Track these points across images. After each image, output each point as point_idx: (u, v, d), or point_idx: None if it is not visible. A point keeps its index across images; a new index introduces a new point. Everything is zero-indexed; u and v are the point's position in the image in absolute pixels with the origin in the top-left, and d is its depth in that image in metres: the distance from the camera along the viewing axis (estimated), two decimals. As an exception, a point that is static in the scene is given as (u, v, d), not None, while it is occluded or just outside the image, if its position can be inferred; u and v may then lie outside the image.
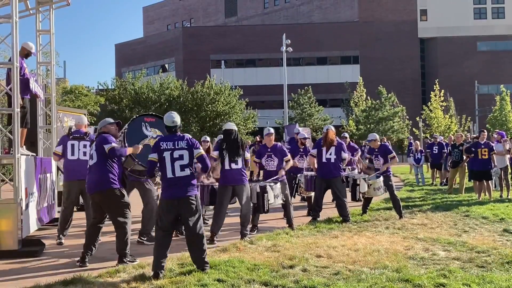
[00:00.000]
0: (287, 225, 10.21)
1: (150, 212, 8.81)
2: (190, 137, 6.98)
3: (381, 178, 11.33)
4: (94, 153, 7.37)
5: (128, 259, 7.23)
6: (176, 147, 6.72)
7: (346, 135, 15.12)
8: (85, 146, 8.93)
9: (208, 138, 12.40)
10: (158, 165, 6.79)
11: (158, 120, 8.55)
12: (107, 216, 7.52)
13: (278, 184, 9.86)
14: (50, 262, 7.58)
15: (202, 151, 6.89)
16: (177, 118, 6.92)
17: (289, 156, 10.41)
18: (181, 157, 6.70)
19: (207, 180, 9.71)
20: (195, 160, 6.86)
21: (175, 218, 6.78)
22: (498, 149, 15.05)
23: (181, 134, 6.90)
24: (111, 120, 8.00)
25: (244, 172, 9.00)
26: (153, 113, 8.92)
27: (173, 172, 6.67)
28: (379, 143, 11.69)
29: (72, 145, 8.94)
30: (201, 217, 6.91)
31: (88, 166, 7.49)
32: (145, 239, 8.81)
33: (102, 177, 7.25)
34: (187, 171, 6.71)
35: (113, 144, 7.34)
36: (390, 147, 11.79)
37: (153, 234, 8.16)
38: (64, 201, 9.10)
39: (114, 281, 6.23)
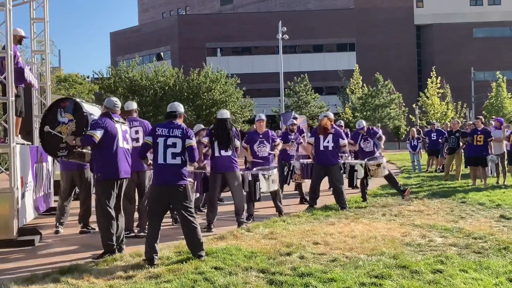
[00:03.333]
0: (277, 212, 10.23)
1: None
2: (186, 127, 7.00)
3: (384, 158, 11.74)
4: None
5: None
6: (171, 134, 6.79)
7: (342, 123, 15.08)
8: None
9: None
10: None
11: (71, 103, 8.04)
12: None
13: (275, 170, 9.86)
14: (47, 251, 7.57)
15: (193, 142, 6.90)
16: (177, 106, 7.07)
17: (278, 141, 10.42)
18: (173, 145, 6.76)
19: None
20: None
21: (165, 204, 6.89)
22: (496, 136, 15.09)
23: (178, 123, 6.94)
24: None
25: (235, 159, 8.95)
26: (68, 96, 8.50)
27: (164, 158, 6.73)
28: (366, 128, 12.26)
29: None
30: (192, 205, 6.97)
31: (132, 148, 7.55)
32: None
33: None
34: (178, 160, 6.76)
35: None
36: (378, 130, 12.31)
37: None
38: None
39: (111, 269, 6.23)
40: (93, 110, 8.02)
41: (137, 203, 8.74)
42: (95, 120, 7.20)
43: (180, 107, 7.12)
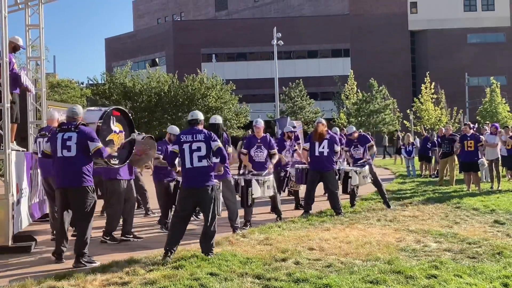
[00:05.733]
0: (276, 216, 10.29)
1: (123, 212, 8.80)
2: (208, 131, 7.50)
3: (367, 166, 11.67)
4: None
5: (85, 260, 7.03)
6: (195, 139, 7.27)
7: (337, 130, 15.16)
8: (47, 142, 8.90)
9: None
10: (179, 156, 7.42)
11: (122, 115, 8.33)
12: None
13: (271, 176, 9.87)
14: (42, 258, 7.56)
15: (219, 143, 7.40)
16: (197, 114, 7.59)
17: (275, 150, 10.39)
18: (198, 149, 7.23)
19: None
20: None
21: (192, 206, 7.42)
22: (490, 141, 15.15)
23: (199, 128, 7.43)
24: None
25: (226, 165, 8.94)
26: (120, 107, 8.71)
27: (191, 162, 7.10)
28: (356, 134, 12.22)
29: (39, 143, 8.98)
30: (216, 207, 7.44)
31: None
32: (108, 238, 8.66)
33: None
34: (204, 162, 7.24)
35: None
36: (369, 137, 12.30)
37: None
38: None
39: (106, 275, 6.22)
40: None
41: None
42: None
43: (200, 115, 7.60)
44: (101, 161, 7.56)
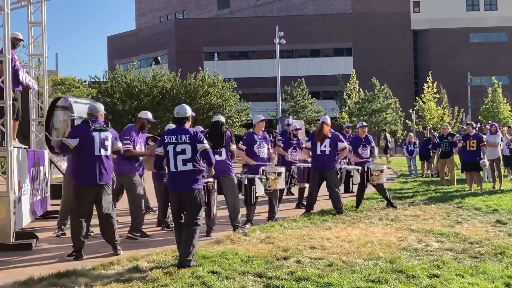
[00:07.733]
0: (272, 216, 10.15)
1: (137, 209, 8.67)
2: (196, 131, 6.92)
3: (384, 166, 11.85)
4: None
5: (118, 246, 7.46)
6: (179, 141, 6.71)
7: (349, 124, 15.25)
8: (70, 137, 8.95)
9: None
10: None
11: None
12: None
13: (283, 169, 9.88)
14: (44, 255, 7.55)
15: (205, 145, 6.77)
16: (184, 110, 6.90)
17: (269, 145, 10.35)
18: (183, 151, 6.68)
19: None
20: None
21: (183, 209, 6.87)
22: (491, 141, 15.13)
23: (186, 128, 6.84)
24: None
25: (229, 163, 8.93)
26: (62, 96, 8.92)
27: (175, 166, 6.71)
28: (364, 133, 12.16)
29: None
30: (200, 213, 6.85)
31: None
32: (138, 235, 8.62)
33: None
34: (190, 166, 6.69)
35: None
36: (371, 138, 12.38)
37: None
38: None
39: (108, 273, 6.22)
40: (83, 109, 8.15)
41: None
42: (72, 129, 7.62)
43: (188, 110, 6.93)
44: None
